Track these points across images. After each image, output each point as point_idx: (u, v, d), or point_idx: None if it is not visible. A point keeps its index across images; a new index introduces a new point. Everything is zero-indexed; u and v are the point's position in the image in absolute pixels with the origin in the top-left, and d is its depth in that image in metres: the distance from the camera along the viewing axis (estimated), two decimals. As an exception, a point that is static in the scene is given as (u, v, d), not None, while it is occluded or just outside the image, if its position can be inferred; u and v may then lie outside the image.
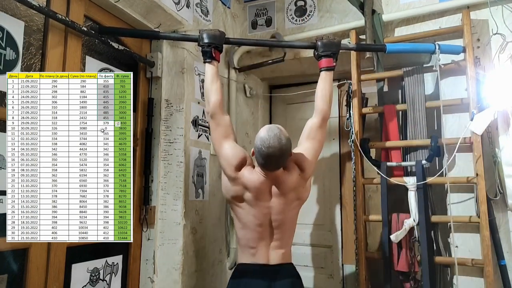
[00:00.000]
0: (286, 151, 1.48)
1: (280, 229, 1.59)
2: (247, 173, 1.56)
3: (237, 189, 1.57)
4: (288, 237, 1.65)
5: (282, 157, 1.48)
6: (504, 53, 1.89)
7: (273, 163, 1.49)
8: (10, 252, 1.30)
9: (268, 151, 1.44)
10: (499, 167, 1.82)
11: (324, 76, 1.69)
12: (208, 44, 1.63)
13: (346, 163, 2.58)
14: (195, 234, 2.01)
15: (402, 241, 1.93)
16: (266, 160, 1.47)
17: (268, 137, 1.45)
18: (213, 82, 1.63)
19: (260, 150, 1.46)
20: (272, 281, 1.53)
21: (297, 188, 1.59)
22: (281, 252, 1.60)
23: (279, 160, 1.48)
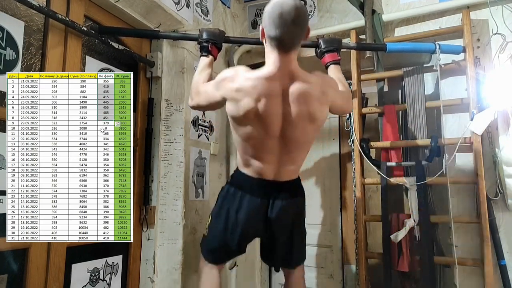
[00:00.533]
0: (303, 13, 1.25)
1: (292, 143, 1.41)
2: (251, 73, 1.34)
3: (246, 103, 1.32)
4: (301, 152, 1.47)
5: (299, 20, 1.23)
6: (504, 53, 1.89)
7: (289, 28, 1.23)
8: (10, 252, 1.30)
9: (283, 9, 1.20)
10: (499, 167, 1.82)
11: (333, 68, 1.66)
12: (206, 40, 1.63)
13: (346, 163, 2.58)
14: (195, 234, 2.01)
15: (402, 241, 1.93)
16: (279, 24, 1.22)
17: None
18: (203, 71, 1.55)
19: (271, 13, 1.23)
20: (272, 199, 1.44)
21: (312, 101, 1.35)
22: (289, 169, 1.45)
23: (295, 24, 1.23)
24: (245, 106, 1.32)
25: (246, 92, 1.32)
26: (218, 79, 1.42)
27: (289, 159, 1.45)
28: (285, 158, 1.43)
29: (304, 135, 1.41)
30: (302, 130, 1.39)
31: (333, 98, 1.44)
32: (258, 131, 1.37)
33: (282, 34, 1.24)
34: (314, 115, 1.37)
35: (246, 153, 1.45)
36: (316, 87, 1.36)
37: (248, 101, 1.31)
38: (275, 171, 1.45)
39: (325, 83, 1.42)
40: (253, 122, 1.35)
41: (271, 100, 1.32)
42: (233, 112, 1.38)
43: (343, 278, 2.53)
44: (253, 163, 1.45)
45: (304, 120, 1.37)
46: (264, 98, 1.31)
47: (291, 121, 1.36)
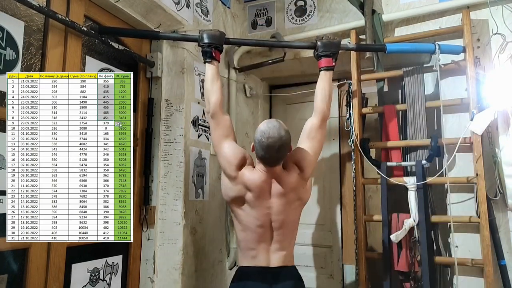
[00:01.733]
0: (286, 142, 1.49)
1: (281, 230, 1.58)
2: (248, 172, 1.55)
3: (238, 189, 1.56)
4: (289, 239, 1.64)
5: (282, 148, 1.48)
6: (504, 53, 1.89)
7: (274, 154, 1.48)
8: (10, 252, 1.30)
9: (268, 142, 1.45)
10: (499, 167, 1.82)
11: (323, 76, 1.69)
12: (208, 44, 1.63)
13: (346, 163, 2.58)
14: (195, 234, 2.01)
15: (402, 241, 1.93)
16: (266, 151, 1.47)
17: (268, 129, 1.47)
18: (214, 82, 1.63)
19: (260, 141, 1.47)
20: (273, 284, 1.52)
21: (297, 188, 1.59)
22: (282, 254, 1.58)
23: (279, 151, 1.48)
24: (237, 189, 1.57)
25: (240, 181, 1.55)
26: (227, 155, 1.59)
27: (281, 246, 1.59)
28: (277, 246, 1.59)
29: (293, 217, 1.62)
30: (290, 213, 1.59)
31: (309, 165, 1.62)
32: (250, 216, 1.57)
33: (268, 158, 1.50)
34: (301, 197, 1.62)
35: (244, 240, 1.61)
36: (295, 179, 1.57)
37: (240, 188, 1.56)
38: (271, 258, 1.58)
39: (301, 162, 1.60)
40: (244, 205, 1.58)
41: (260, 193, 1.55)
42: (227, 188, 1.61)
43: (343, 278, 2.53)
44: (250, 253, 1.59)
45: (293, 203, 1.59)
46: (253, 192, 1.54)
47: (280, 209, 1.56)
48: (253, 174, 1.55)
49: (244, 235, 1.60)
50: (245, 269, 1.59)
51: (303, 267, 2.56)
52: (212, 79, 1.63)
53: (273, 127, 1.47)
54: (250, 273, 1.56)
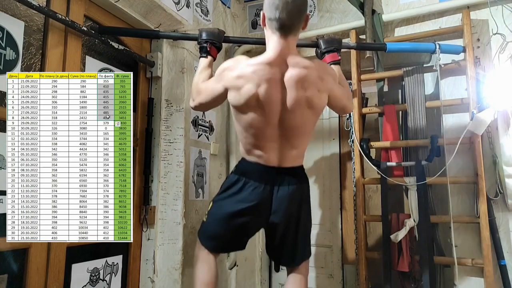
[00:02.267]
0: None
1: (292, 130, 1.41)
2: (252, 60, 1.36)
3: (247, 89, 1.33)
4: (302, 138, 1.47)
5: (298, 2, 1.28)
6: (504, 53, 1.90)
7: (289, 11, 1.27)
8: (10, 252, 1.30)
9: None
10: (499, 167, 1.82)
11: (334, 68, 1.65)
12: (205, 40, 1.63)
13: (346, 163, 2.58)
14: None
15: (402, 241, 1.93)
16: (280, 8, 1.26)
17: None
18: (202, 72, 1.55)
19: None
20: (275, 185, 1.42)
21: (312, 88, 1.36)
22: (291, 154, 1.44)
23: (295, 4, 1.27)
24: (246, 92, 1.34)
25: (247, 78, 1.34)
26: (219, 71, 1.44)
27: (290, 145, 1.44)
28: (286, 144, 1.43)
29: (303, 122, 1.42)
30: (300, 117, 1.39)
31: (331, 86, 1.44)
32: (259, 118, 1.38)
33: (281, 15, 1.28)
34: (311, 101, 1.38)
35: (248, 142, 1.45)
36: (313, 73, 1.37)
37: (249, 87, 1.33)
38: (278, 157, 1.44)
39: (323, 70, 1.43)
40: (254, 109, 1.36)
41: (271, 85, 1.33)
42: (235, 100, 1.39)
43: (343, 278, 2.53)
44: (255, 152, 1.45)
45: (302, 106, 1.37)
46: (264, 84, 1.32)
47: (289, 107, 1.36)
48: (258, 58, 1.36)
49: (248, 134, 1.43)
50: (249, 165, 1.47)
51: (303, 267, 2.55)
52: (202, 69, 1.56)
53: None
54: (253, 171, 1.44)
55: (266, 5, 1.32)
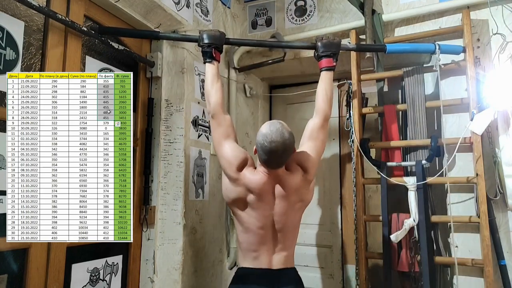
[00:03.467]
0: (290, 145, 1.45)
1: (283, 232, 1.56)
2: (249, 174, 1.52)
3: (239, 191, 1.53)
4: (291, 240, 1.62)
5: (286, 152, 1.44)
6: (504, 53, 1.89)
7: (277, 158, 1.45)
8: (10, 252, 1.30)
9: (271, 146, 1.40)
10: (499, 167, 1.82)
11: (324, 76, 1.68)
12: (208, 45, 1.63)
13: (346, 163, 2.59)
14: (195, 234, 2.01)
15: (402, 241, 1.93)
16: (269, 156, 1.43)
17: (270, 132, 1.42)
18: (214, 82, 1.62)
19: (262, 145, 1.43)
20: (274, 286, 1.51)
21: (300, 190, 1.56)
22: (284, 255, 1.57)
23: (282, 156, 1.44)
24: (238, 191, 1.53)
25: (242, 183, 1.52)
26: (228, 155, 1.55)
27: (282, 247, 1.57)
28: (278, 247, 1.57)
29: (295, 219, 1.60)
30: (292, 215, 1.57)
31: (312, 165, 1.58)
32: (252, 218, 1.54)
33: (271, 162, 1.47)
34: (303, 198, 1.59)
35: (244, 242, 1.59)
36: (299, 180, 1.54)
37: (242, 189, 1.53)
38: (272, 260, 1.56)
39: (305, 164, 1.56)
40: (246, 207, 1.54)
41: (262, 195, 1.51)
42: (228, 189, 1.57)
43: (343, 278, 2.53)
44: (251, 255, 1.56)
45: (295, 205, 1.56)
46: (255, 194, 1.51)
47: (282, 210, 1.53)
48: (254, 175, 1.52)
49: (246, 236, 1.57)
50: (246, 270, 1.57)
51: (303, 267, 2.56)
52: (212, 79, 1.62)
53: (275, 130, 1.42)
54: (251, 275, 1.54)
55: (257, 146, 1.47)
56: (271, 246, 1.56)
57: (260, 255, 1.55)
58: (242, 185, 1.52)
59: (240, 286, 1.55)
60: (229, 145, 1.58)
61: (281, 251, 1.57)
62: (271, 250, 1.56)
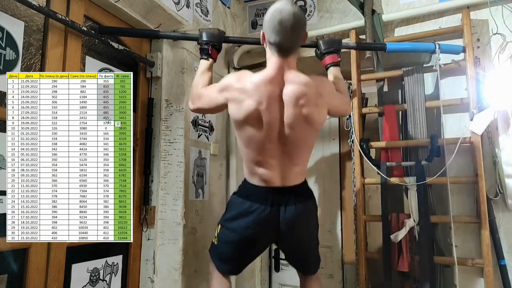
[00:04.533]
0: (301, 18, 1.32)
1: (293, 146, 1.42)
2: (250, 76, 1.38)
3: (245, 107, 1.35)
4: (302, 153, 1.47)
5: (297, 26, 1.29)
6: (504, 53, 1.89)
7: (288, 33, 1.29)
8: (10, 252, 1.30)
9: (282, 16, 1.26)
10: (499, 167, 1.82)
11: (333, 70, 1.67)
12: (206, 42, 1.63)
13: (346, 163, 2.58)
14: (195, 234, 2.01)
15: (402, 241, 1.93)
16: (279, 30, 1.28)
17: (279, 5, 1.29)
18: (203, 74, 1.57)
19: (270, 19, 1.29)
20: (282, 205, 1.42)
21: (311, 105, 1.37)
22: (293, 171, 1.44)
23: (294, 29, 1.29)
24: (247, 107, 1.36)
25: (249, 94, 1.35)
26: (223, 83, 1.45)
27: (292, 162, 1.44)
28: (288, 162, 1.43)
29: (302, 137, 1.43)
30: (299, 133, 1.41)
31: (329, 100, 1.46)
32: (259, 134, 1.39)
33: (281, 40, 1.31)
34: (310, 117, 1.39)
35: (250, 159, 1.46)
36: (311, 89, 1.38)
37: (250, 103, 1.35)
38: (281, 176, 1.44)
39: (321, 85, 1.44)
40: (254, 124, 1.38)
41: (271, 102, 1.35)
42: (235, 113, 1.41)
43: (343, 278, 2.53)
44: (258, 171, 1.44)
45: (301, 122, 1.39)
46: (265, 101, 1.34)
47: (288, 124, 1.38)
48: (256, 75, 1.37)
49: (250, 151, 1.44)
50: (252, 187, 1.46)
51: (303, 267, 2.55)
52: (202, 71, 1.57)
53: (286, 4, 1.29)
54: (258, 193, 1.44)
55: (265, 27, 1.34)
56: (280, 160, 1.42)
57: (268, 171, 1.42)
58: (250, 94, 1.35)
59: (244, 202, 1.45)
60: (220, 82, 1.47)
61: (291, 166, 1.44)
62: (279, 165, 1.43)
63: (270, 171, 1.43)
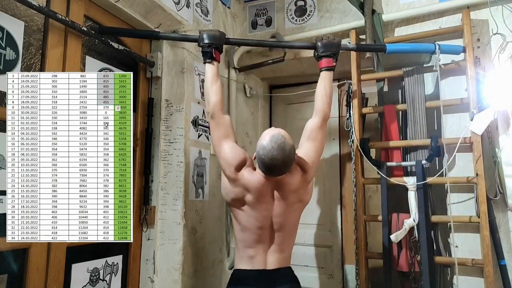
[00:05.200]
0: (290, 161, 1.45)
1: (281, 232, 1.56)
2: (247, 174, 1.52)
3: (237, 191, 1.53)
4: (289, 241, 1.62)
5: (286, 167, 1.45)
6: (504, 53, 1.89)
7: (276, 172, 1.46)
8: (10, 252, 1.30)
9: (272, 162, 1.40)
10: (499, 167, 1.82)
11: (324, 76, 1.69)
12: (208, 45, 1.63)
13: (346, 163, 2.58)
14: (195, 234, 2.01)
15: (402, 241, 1.93)
16: (269, 170, 1.44)
17: (271, 148, 1.40)
18: (213, 82, 1.62)
19: (262, 160, 1.43)
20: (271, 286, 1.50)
21: (298, 190, 1.56)
22: (281, 256, 1.57)
23: (281, 169, 1.45)
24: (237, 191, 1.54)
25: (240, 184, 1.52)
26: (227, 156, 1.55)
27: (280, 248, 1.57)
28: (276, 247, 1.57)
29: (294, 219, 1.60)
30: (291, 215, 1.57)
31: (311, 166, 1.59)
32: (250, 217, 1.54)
33: (271, 173, 1.47)
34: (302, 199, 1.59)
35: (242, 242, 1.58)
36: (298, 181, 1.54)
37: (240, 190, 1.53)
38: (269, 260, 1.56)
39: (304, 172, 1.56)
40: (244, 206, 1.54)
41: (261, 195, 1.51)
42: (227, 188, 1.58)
43: (343, 278, 2.53)
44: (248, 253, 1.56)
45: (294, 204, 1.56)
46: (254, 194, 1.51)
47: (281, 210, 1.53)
48: (253, 176, 1.51)
49: (243, 235, 1.57)
50: (241, 272, 1.57)
51: (303, 267, 2.56)
52: (212, 79, 1.62)
53: (277, 146, 1.39)
54: (247, 277, 1.54)
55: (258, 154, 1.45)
56: (268, 246, 1.56)
57: (257, 255, 1.54)
58: (241, 185, 1.52)
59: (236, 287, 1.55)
60: (228, 146, 1.57)
61: (278, 252, 1.57)
62: (268, 250, 1.56)
63: (259, 255, 1.55)
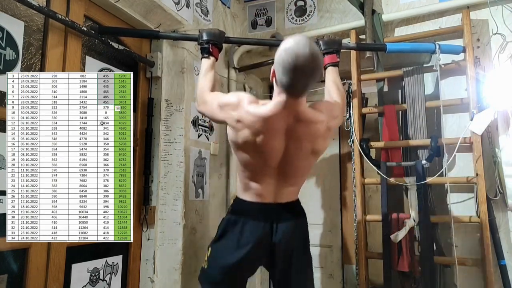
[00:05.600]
0: (319, 63, 1.17)
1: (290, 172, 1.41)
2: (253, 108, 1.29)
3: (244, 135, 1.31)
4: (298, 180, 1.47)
5: (315, 70, 1.16)
6: (504, 53, 1.90)
7: (303, 78, 1.17)
8: (10, 252, 1.30)
9: (298, 62, 1.12)
10: (499, 167, 1.82)
11: (331, 71, 1.67)
12: (207, 41, 1.63)
13: (346, 163, 2.58)
14: (195, 234, 2.01)
15: (402, 241, 1.93)
16: (293, 75, 1.15)
17: (296, 45, 1.14)
18: (206, 73, 1.56)
19: (284, 62, 1.15)
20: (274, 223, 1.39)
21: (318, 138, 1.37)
22: (288, 190, 1.43)
23: (310, 74, 1.16)
24: (243, 136, 1.33)
25: (246, 125, 1.31)
26: (222, 102, 1.40)
27: (288, 183, 1.44)
28: (283, 183, 1.42)
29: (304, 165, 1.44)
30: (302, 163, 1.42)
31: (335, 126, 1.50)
32: (256, 159, 1.37)
33: (294, 86, 1.20)
34: (317, 149, 1.42)
35: (245, 176, 1.43)
36: (322, 125, 1.37)
37: (247, 133, 1.31)
38: (275, 194, 1.42)
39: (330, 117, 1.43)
40: (251, 151, 1.36)
41: (271, 136, 1.31)
42: (231, 137, 1.39)
43: (343, 278, 2.53)
44: (251, 187, 1.42)
45: (307, 154, 1.39)
46: (262, 135, 1.30)
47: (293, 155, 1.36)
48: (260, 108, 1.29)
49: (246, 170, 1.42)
50: (245, 204, 1.43)
51: (303, 267, 2.55)
52: (205, 71, 1.57)
53: (303, 43, 1.13)
54: (251, 210, 1.41)
55: (277, 67, 1.20)
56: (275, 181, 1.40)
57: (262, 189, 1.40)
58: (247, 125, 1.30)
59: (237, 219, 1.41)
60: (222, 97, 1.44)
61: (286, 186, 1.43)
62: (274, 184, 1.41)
63: (264, 189, 1.41)
